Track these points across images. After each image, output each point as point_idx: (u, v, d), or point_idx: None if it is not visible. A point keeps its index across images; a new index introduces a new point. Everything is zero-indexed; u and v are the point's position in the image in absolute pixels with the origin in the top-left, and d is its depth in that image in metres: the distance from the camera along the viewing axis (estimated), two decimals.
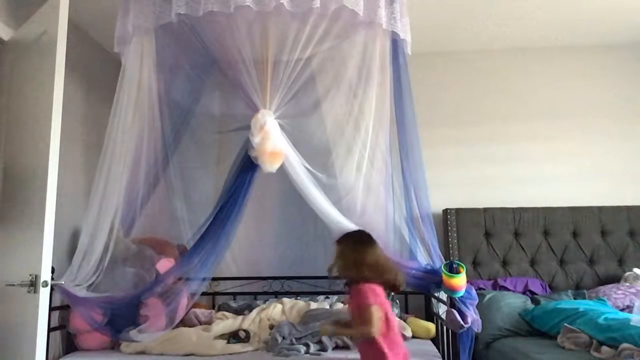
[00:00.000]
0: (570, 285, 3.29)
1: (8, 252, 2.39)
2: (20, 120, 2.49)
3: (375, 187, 2.66)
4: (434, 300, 2.77)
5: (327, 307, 3.00)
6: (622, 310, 2.77)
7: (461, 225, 3.42)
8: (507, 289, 3.17)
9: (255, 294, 3.50)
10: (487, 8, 3.16)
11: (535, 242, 3.39)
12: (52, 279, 2.22)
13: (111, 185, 2.58)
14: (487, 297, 2.99)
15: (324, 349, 2.46)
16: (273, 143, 2.41)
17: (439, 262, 2.41)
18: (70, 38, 2.39)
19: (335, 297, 3.27)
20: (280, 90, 2.51)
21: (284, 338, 2.51)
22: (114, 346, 2.59)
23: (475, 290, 2.40)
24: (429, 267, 2.43)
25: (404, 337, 2.81)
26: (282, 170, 2.51)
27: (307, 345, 2.44)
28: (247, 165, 2.52)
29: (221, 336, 2.69)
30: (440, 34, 3.53)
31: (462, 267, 2.28)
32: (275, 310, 2.97)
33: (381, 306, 1.89)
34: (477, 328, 2.28)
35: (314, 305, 2.99)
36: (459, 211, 3.44)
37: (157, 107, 2.81)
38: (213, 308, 3.34)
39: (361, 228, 2.22)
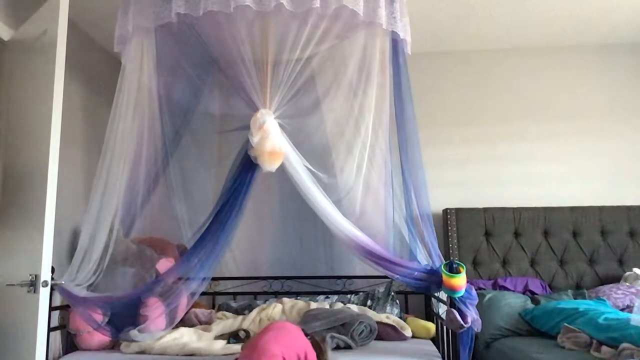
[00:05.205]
0: (570, 285, 3.29)
1: (8, 252, 2.39)
2: (20, 120, 2.49)
3: (375, 187, 2.66)
4: (434, 300, 2.77)
5: (327, 307, 3.00)
6: (622, 310, 2.77)
7: (461, 225, 3.42)
8: (507, 289, 3.17)
9: (255, 294, 3.50)
10: (487, 8, 3.17)
11: (535, 242, 3.39)
12: (52, 279, 2.23)
13: (111, 185, 2.58)
14: (487, 297, 2.99)
15: None
16: (272, 142, 2.41)
17: (438, 262, 2.40)
18: (70, 38, 2.39)
19: (336, 297, 3.28)
20: (280, 90, 2.50)
21: None
22: (114, 346, 2.59)
23: (475, 290, 2.39)
24: (428, 267, 2.43)
25: (404, 337, 2.82)
26: (282, 170, 2.51)
27: None
28: (247, 165, 2.51)
29: (221, 336, 2.70)
30: (440, 34, 3.53)
31: (462, 267, 2.27)
32: (275, 310, 2.97)
33: None
34: (477, 328, 2.27)
35: (314, 305, 2.99)
36: (459, 211, 3.44)
37: (157, 107, 2.82)
38: (213, 308, 3.34)
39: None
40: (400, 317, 3.05)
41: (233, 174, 2.58)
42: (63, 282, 2.48)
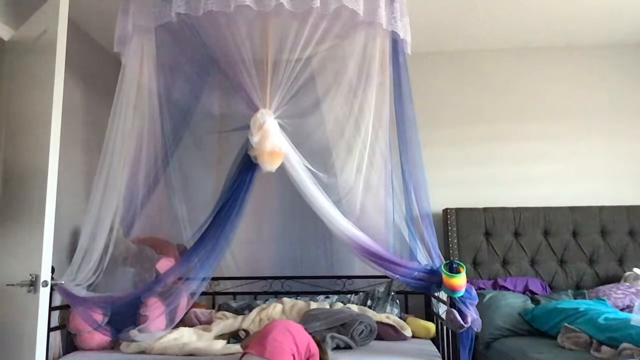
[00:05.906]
0: (570, 285, 3.29)
1: (8, 252, 2.39)
2: (20, 120, 2.49)
3: (375, 186, 2.66)
4: (434, 300, 2.77)
5: (327, 307, 3.00)
6: (622, 310, 2.77)
7: (461, 225, 3.42)
8: (507, 289, 3.17)
9: (255, 294, 3.50)
10: (487, 8, 3.17)
11: (535, 242, 3.39)
12: (52, 278, 2.23)
13: (111, 185, 2.58)
14: (487, 297, 2.99)
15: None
16: (272, 142, 2.41)
17: (438, 262, 2.40)
18: (70, 38, 2.39)
19: (336, 297, 3.28)
20: (280, 89, 2.51)
21: None
22: (114, 346, 2.59)
23: (475, 290, 2.40)
24: (428, 267, 2.43)
25: (404, 337, 2.82)
26: (282, 170, 2.51)
27: None
28: (247, 165, 2.52)
29: (221, 336, 2.70)
30: (440, 34, 3.53)
31: (462, 266, 2.28)
32: (275, 310, 2.97)
33: None
34: (477, 328, 2.27)
35: (314, 305, 2.99)
36: (459, 211, 3.44)
37: (157, 107, 2.82)
38: (213, 308, 3.34)
39: None
40: (400, 317, 3.05)
41: (233, 174, 2.58)
42: (63, 282, 2.48)
